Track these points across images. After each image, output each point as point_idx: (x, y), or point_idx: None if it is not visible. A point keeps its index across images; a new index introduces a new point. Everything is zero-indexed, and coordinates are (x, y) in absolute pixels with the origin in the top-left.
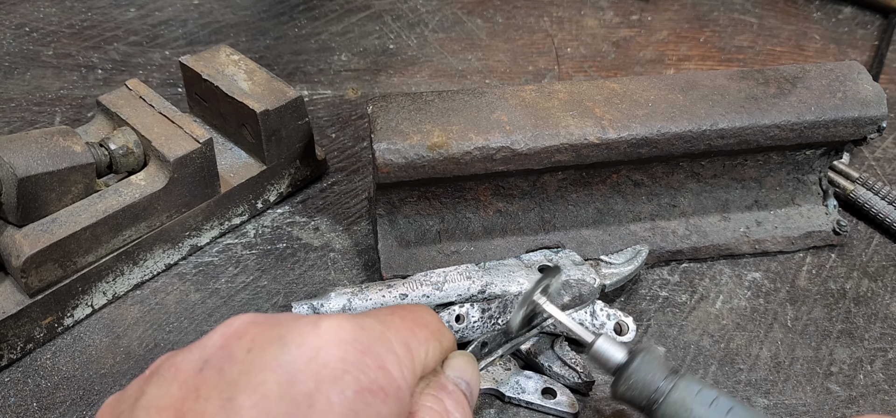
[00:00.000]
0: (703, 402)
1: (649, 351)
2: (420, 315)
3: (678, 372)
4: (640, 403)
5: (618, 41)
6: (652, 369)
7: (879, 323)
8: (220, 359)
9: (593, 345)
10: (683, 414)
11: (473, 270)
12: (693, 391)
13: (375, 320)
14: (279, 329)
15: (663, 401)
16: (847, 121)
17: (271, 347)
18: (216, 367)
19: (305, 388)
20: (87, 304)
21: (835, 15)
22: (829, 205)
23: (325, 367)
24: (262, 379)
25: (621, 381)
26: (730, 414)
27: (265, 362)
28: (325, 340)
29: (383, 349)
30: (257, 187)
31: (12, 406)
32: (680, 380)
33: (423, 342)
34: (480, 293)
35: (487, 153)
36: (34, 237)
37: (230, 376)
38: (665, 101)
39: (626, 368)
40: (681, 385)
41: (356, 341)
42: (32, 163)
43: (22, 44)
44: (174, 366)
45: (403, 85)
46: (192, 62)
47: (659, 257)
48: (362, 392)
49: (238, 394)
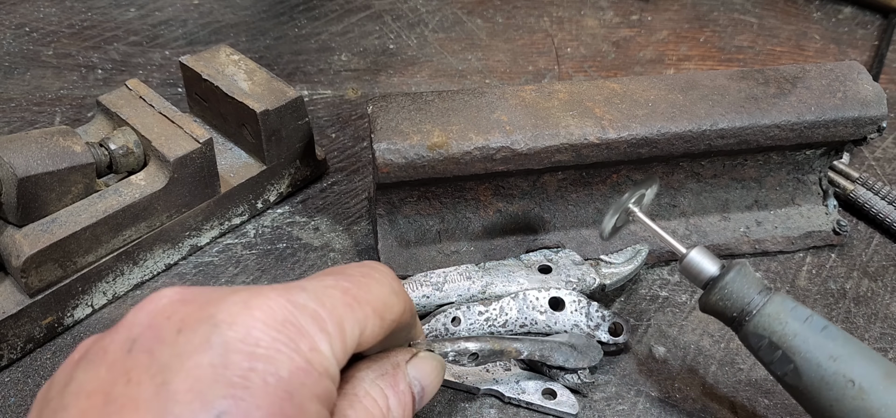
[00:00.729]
0: (798, 317)
1: (743, 265)
2: (365, 288)
3: (771, 288)
4: (731, 313)
5: (618, 41)
6: (747, 282)
7: (879, 323)
8: (148, 340)
9: (687, 256)
10: (777, 326)
11: (473, 270)
12: (788, 306)
13: (311, 296)
14: (209, 308)
15: (757, 313)
16: (847, 121)
17: (202, 327)
18: (145, 349)
19: (240, 370)
20: (87, 304)
21: (835, 15)
22: (829, 205)
23: (257, 347)
24: (195, 362)
25: (715, 292)
26: (824, 331)
27: (196, 344)
28: (257, 319)
29: (316, 328)
30: (257, 187)
31: (12, 406)
32: (775, 295)
33: (360, 321)
34: (480, 293)
35: (487, 153)
36: (34, 237)
37: (161, 359)
38: (665, 101)
39: (719, 280)
40: (776, 299)
41: (288, 321)
42: (32, 163)
43: (22, 44)
44: (101, 349)
45: (403, 85)
46: (192, 62)
47: (659, 257)
48: (297, 371)
49: (171, 378)
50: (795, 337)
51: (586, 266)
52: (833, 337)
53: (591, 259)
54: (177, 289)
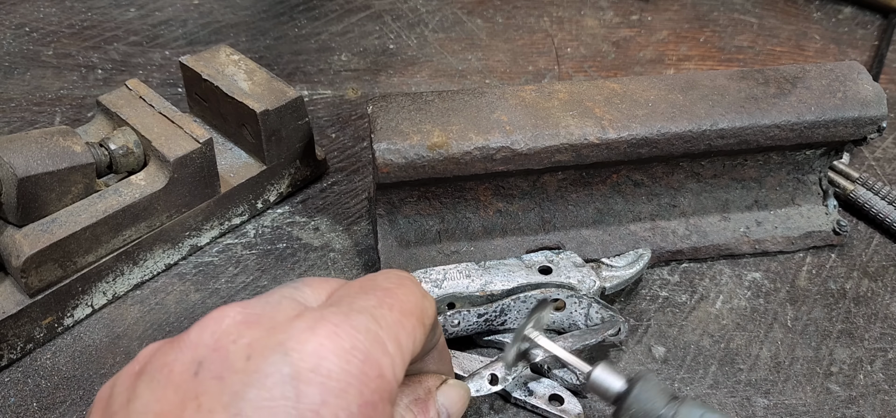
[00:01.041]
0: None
1: (647, 378)
2: (405, 299)
3: (678, 397)
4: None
5: (618, 41)
6: (652, 396)
7: (879, 323)
8: (216, 365)
9: (591, 375)
10: None
11: (473, 269)
12: (695, 415)
13: (368, 317)
14: (277, 334)
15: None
16: (847, 121)
17: (272, 356)
18: (214, 374)
19: (312, 404)
20: (87, 304)
21: (835, 15)
22: (829, 205)
23: (329, 380)
24: (269, 394)
25: (623, 411)
26: None
27: (268, 372)
28: (326, 349)
29: (379, 352)
30: (257, 187)
31: (12, 406)
32: (682, 406)
33: (411, 332)
34: (479, 291)
35: (487, 153)
36: (34, 237)
37: (232, 387)
38: (665, 101)
39: (625, 397)
40: (682, 411)
41: (355, 349)
42: (32, 163)
43: (22, 44)
44: (166, 367)
45: (403, 85)
46: (192, 62)
47: (659, 257)
48: (365, 405)
49: (245, 409)
50: None
51: (587, 268)
52: None
53: (592, 261)
54: (238, 308)
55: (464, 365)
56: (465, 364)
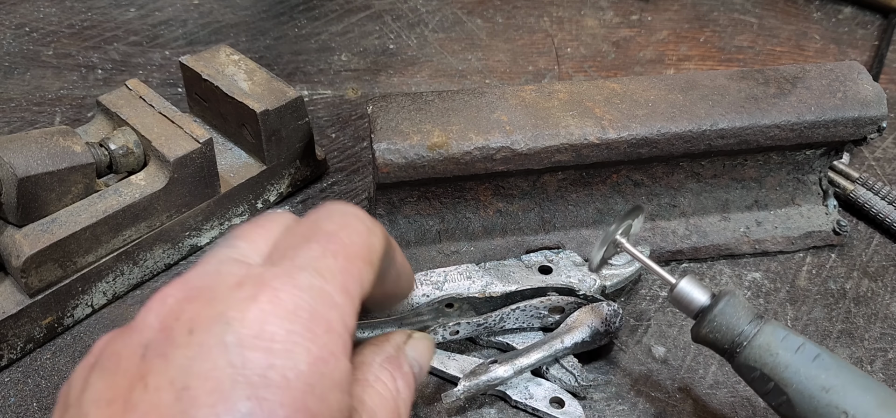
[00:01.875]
0: (788, 348)
1: (733, 294)
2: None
3: (762, 316)
4: (722, 345)
5: (618, 41)
6: (736, 312)
7: (879, 323)
8: (161, 344)
9: (676, 287)
10: (768, 358)
11: (473, 270)
12: (779, 336)
13: (310, 273)
14: (216, 305)
15: (747, 345)
16: (847, 121)
17: (215, 327)
18: (159, 353)
19: (259, 368)
20: (87, 304)
21: (835, 15)
22: (829, 205)
23: (273, 342)
24: (213, 364)
25: (704, 323)
26: (816, 360)
27: (212, 344)
28: (268, 313)
29: (325, 307)
30: (257, 187)
31: (12, 406)
32: (765, 325)
33: (358, 276)
34: (480, 293)
35: (487, 153)
36: (34, 237)
37: (177, 361)
38: (665, 101)
39: (709, 310)
40: (766, 329)
41: (299, 308)
42: (32, 163)
43: (22, 44)
44: (114, 354)
45: (403, 85)
46: (192, 62)
47: (659, 257)
48: (315, 362)
49: (191, 382)
50: (787, 369)
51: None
52: (825, 367)
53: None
54: (179, 284)
55: (463, 367)
56: (465, 366)
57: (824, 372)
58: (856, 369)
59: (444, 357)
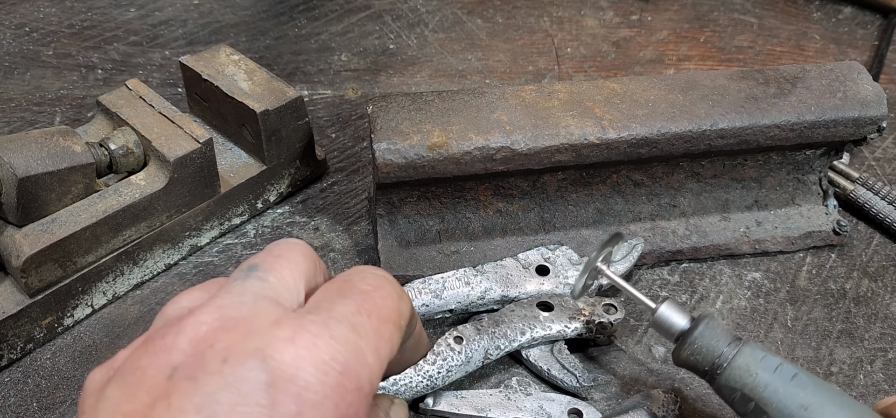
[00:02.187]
0: (767, 368)
1: (712, 318)
2: (383, 304)
3: (741, 338)
4: (703, 368)
5: (618, 41)
6: (716, 334)
7: (879, 323)
8: (191, 368)
9: (656, 312)
10: (748, 378)
11: (471, 275)
12: (758, 357)
13: (347, 328)
14: (254, 340)
15: (727, 367)
16: (847, 121)
17: (249, 361)
18: (188, 376)
19: (287, 412)
20: (87, 304)
21: (835, 15)
22: (829, 205)
23: (306, 390)
24: (243, 399)
25: (685, 346)
26: (794, 379)
27: (244, 377)
28: (304, 359)
29: (358, 364)
30: (257, 187)
31: (12, 406)
32: (744, 346)
33: (389, 339)
34: (480, 298)
35: (487, 153)
36: (34, 237)
37: (206, 388)
38: (665, 101)
39: (689, 334)
40: (745, 350)
41: (334, 360)
42: (32, 163)
43: (22, 44)
44: (139, 370)
45: (403, 85)
46: (192, 62)
47: (659, 257)
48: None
49: (218, 411)
50: (766, 389)
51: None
52: (803, 386)
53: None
54: (213, 312)
55: (475, 402)
56: (476, 401)
57: (802, 391)
58: (834, 387)
59: (453, 397)
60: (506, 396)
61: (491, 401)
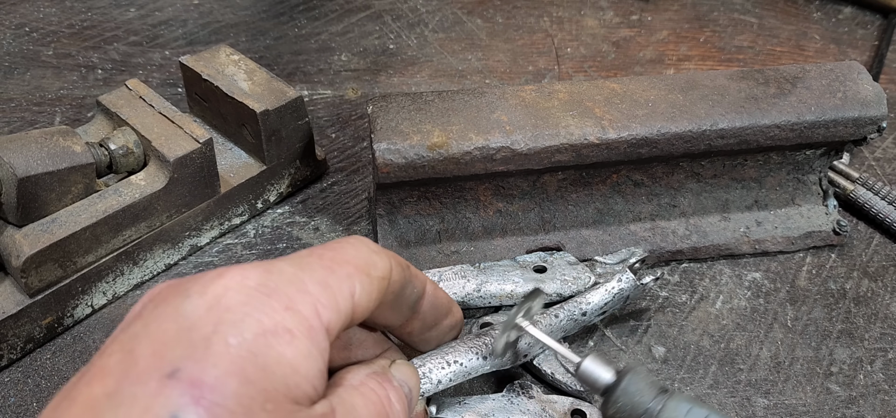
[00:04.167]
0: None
1: (635, 371)
2: (342, 250)
3: (667, 390)
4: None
5: (618, 41)
6: (640, 389)
7: (879, 323)
8: (129, 321)
9: (580, 367)
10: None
11: (469, 270)
12: (683, 410)
13: (288, 263)
14: (186, 284)
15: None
16: (847, 121)
17: (175, 299)
18: (124, 327)
19: (204, 332)
20: (87, 304)
21: (835, 15)
22: (829, 205)
23: (226, 312)
24: (161, 328)
25: (610, 403)
26: None
27: (167, 314)
28: (229, 288)
29: (294, 289)
30: (257, 187)
31: (12, 406)
32: (670, 400)
33: (346, 278)
34: (476, 291)
35: (487, 153)
36: (34, 237)
37: (133, 331)
38: (665, 101)
39: (614, 389)
40: (670, 405)
41: (261, 285)
42: (32, 163)
43: (22, 44)
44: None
45: (403, 85)
46: (192, 62)
47: (659, 257)
48: (264, 333)
49: (137, 345)
50: None
51: (581, 266)
52: None
53: (586, 260)
54: (171, 280)
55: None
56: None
57: None
58: None
59: (456, 404)
60: (509, 400)
61: (494, 406)
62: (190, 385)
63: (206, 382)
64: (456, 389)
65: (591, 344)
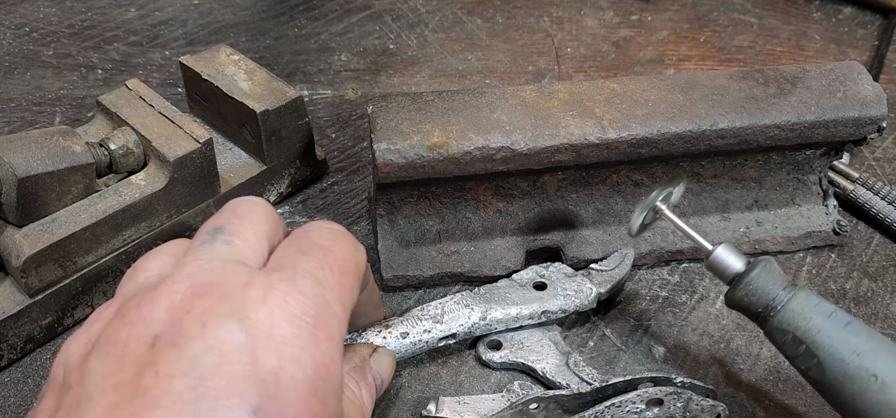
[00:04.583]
0: (821, 313)
1: (768, 261)
2: (342, 256)
3: (796, 285)
4: (755, 309)
5: (618, 41)
6: (771, 277)
7: (879, 324)
8: (172, 335)
9: (712, 253)
10: (801, 322)
11: (470, 297)
12: (812, 302)
13: (313, 282)
14: (229, 302)
15: (781, 309)
16: (847, 121)
17: (227, 323)
18: (171, 343)
19: (270, 368)
20: (87, 304)
21: (835, 15)
22: (829, 205)
23: (284, 345)
24: (227, 359)
25: (740, 287)
26: (848, 326)
27: (224, 338)
28: (277, 316)
29: (327, 316)
30: (257, 187)
31: (12, 406)
32: (799, 291)
33: (350, 289)
34: (481, 320)
35: (487, 153)
36: (34, 237)
37: (190, 352)
38: (665, 101)
39: (744, 276)
40: (800, 294)
41: (306, 313)
42: (32, 163)
43: (22, 44)
44: (120, 342)
45: (403, 85)
46: (192, 62)
47: (659, 257)
48: (318, 367)
49: (206, 374)
50: (819, 333)
51: (580, 277)
52: (857, 333)
53: (582, 268)
54: (186, 281)
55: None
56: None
57: (856, 337)
58: (886, 338)
59: (455, 403)
60: (508, 400)
61: (494, 406)
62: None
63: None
64: (456, 389)
65: (591, 344)
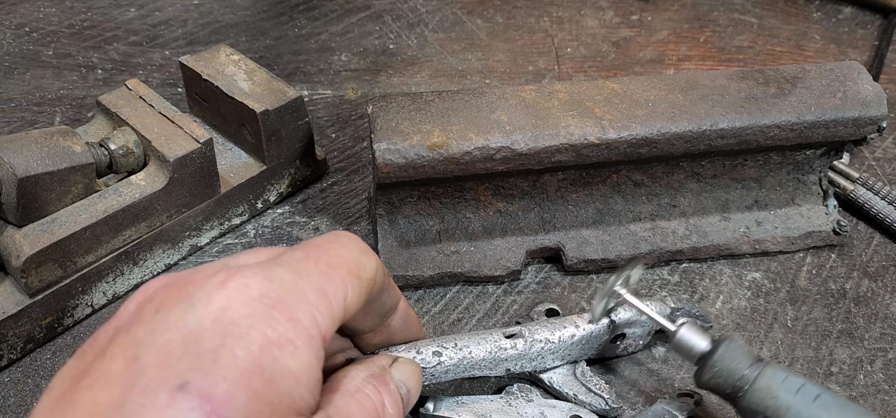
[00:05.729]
0: (789, 389)
1: (732, 339)
2: (335, 252)
3: (762, 360)
4: (724, 390)
5: (618, 41)
6: (736, 357)
7: (879, 323)
8: (130, 323)
9: (676, 335)
10: (769, 401)
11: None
12: (779, 378)
13: (287, 269)
14: (188, 288)
15: (749, 389)
16: (847, 121)
17: (178, 306)
18: (125, 330)
19: (211, 345)
20: (87, 304)
21: (835, 15)
22: (829, 205)
23: (232, 324)
24: (167, 338)
25: (706, 369)
26: (817, 400)
27: (171, 321)
28: (233, 298)
29: (294, 299)
30: (257, 187)
31: (12, 406)
32: (766, 368)
33: (340, 283)
34: None
35: (487, 153)
36: (34, 237)
37: (137, 336)
38: (665, 101)
39: (710, 357)
40: (766, 372)
41: (264, 296)
42: (32, 163)
43: (22, 44)
44: (93, 338)
45: (403, 85)
46: (192, 62)
47: (659, 257)
48: (269, 346)
49: (143, 353)
50: (788, 411)
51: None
52: (826, 406)
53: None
54: (163, 277)
55: (475, 409)
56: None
57: (825, 412)
58: (855, 405)
59: (453, 403)
60: (507, 402)
61: (492, 408)
62: (200, 398)
63: (216, 396)
64: (455, 389)
65: None
